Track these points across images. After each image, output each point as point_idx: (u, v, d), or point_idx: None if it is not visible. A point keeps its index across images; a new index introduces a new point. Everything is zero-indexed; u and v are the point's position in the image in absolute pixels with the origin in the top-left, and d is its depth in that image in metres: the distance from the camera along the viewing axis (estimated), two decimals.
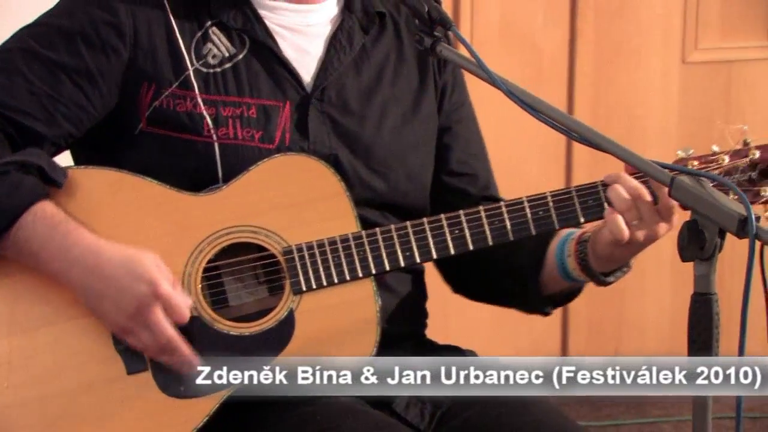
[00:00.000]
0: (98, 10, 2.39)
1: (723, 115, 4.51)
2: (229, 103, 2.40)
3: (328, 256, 2.34)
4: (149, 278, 2.26)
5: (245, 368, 2.19)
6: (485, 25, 4.36)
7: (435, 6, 2.19)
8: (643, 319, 4.62)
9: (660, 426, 4.33)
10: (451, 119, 2.58)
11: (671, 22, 4.51)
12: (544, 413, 2.45)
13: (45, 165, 2.30)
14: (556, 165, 4.45)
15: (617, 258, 2.37)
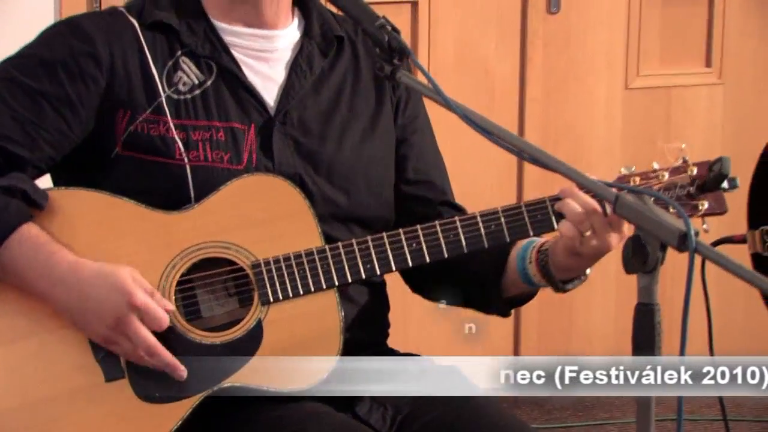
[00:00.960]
0: (76, 41, 2.38)
1: (663, 136, 4.53)
2: (199, 127, 2.39)
3: (293, 269, 2.33)
4: (124, 290, 2.25)
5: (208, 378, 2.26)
6: (441, 54, 4.36)
7: (394, 36, 2.18)
8: (590, 326, 4.63)
9: (606, 428, 4.34)
10: (407, 131, 2.57)
11: (614, 51, 4.52)
12: (499, 416, 2.45)
13: (28, 189, 2.30)
14: (508, 183, 4.45)
15: (574, 267, 2.37)
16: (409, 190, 2.55)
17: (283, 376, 2.32)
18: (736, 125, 4.61)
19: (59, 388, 2.29)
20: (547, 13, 4.43)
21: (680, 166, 2.38)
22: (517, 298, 2.52)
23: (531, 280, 2.42)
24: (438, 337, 3.96)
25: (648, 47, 4.56)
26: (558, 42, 4.46)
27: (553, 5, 4.43)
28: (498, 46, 4.41)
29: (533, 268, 2.41)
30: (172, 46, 2.43)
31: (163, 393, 2.29)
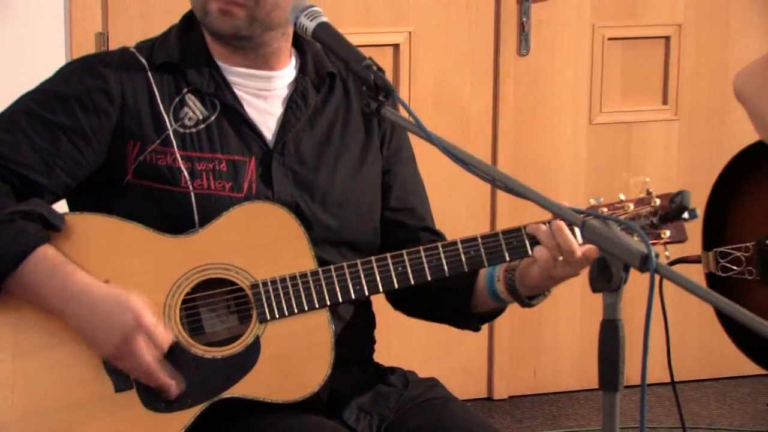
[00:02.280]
0: (91, 78, 2.39)
1: (624, 169, 4.54)
2: (204, 159, 2.39)
3: (289, 290, 2.33)
4: (135, 310, 2.26)
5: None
6: (421, 92, 4.37)
7: (379, 75, 2.18)
8: (558, 342, 4.63)
9: None
10: (391, 162, 2.58)
11: (579, 90, 4.54)
12: (475, 424, 2.45)
13: (45, 213, 2.30)
14: (482, 210, 4.45)
15: (543, 286, 2.39)
16: (392, 216, 2.56)
17: (278, 387, 2.32)
18: (691, 157, 4.62)
19: (72, 397, 2.28)
20: (518, 55, 4.45)
21: (644, 198, 2.39)
22: (487, 313, 2.52)
23: (499, 297, 2.44)
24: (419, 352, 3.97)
25: (610, 86, 4.57)
26: (527, 81, 4.47)
27: (523, 48, 4.44)
28: (473, 84, 4.42)
29: (501, 287, 2.42)
30: (178, 84, 2.44)
31: (168, 403, 2.29)
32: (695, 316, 4.30)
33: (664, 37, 4.60)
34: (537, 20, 4.44)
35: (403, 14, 4.33)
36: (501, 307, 2.50)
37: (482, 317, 2.53)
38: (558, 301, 4.52)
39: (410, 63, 4.36)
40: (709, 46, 4.62)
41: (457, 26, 4.39)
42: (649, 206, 2.38)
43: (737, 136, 3.34)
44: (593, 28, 4.51)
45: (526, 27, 4.42)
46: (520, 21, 4.42)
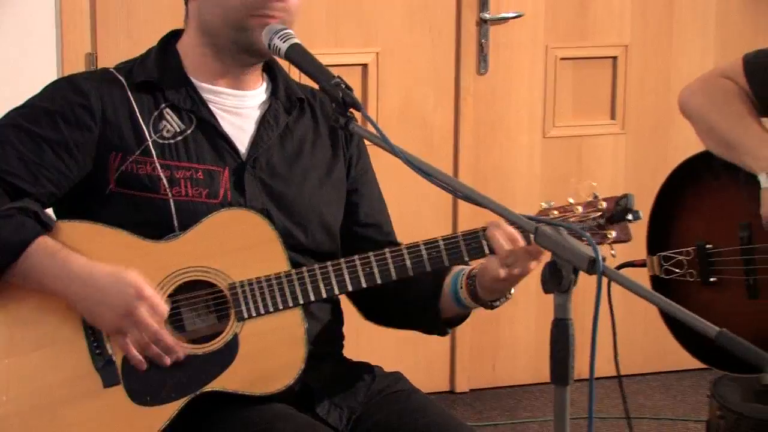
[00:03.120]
0: (74, 95, 2.39)
1: (576, 178, 4.54)
2: (181, 168, 2.39)
3: (264, 290, 2.33)
4: (135, 283, 2.25)
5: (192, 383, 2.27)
6: (388, 108, 4.37)
7: (347, 92, 2.18)
8: (515, 340, 4.63)
9: (528, 425, 4.33)
10: (358, 182, 2.59)
11: (534, 105, 4.55)
12: (438, 415, 2.45)
13: (39, 211, 2.30)
14: (444, 218, 4.46)
15: (500, 289, 2.38)
16: (360, 231, 2.57)
17: (255, 381, 2.32)
18: (637, 168, 4.64)
19: (64, 393, 2.28)
20: (477, 74, 4.45)
21: (592, 201, 2.40)
22: (452, 319, 2.53)
23: (463, 303, 2.43)
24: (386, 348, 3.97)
25: (562, 102, 4.58)
26: (486, 98, 4.48)
27: (481, 67, 4.45)
28: (435, 101, 4.43)
29: (464, 293, 2.42)
30: (157, 100, 2.43)
31: (153, 397, 2.29)
32: (641, 314, 4.31)
33: (611, 57, 4.61)
34: (495, 42, 4.45)
35: (370, 36, 4.33)
36: (465, 313, 2.51)
37: (448, 322, 2.53)
38: (515, 302, 4.48)
39: (377, 81, 4.36)
40: (654, 65, 4.64)
41: (421, 47, 4.39)
42: (596, 209, 2.38)
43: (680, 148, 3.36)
44: (546, 49, 4.52)
45: (484, 48, 4.43)
46: (479, 42, 4.43)
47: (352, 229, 2.56)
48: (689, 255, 2.95)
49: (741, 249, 2.91)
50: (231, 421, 2.31)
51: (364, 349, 2.77)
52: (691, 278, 2.95)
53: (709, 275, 2.94)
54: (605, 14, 4.56)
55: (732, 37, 4.65)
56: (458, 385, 4.59)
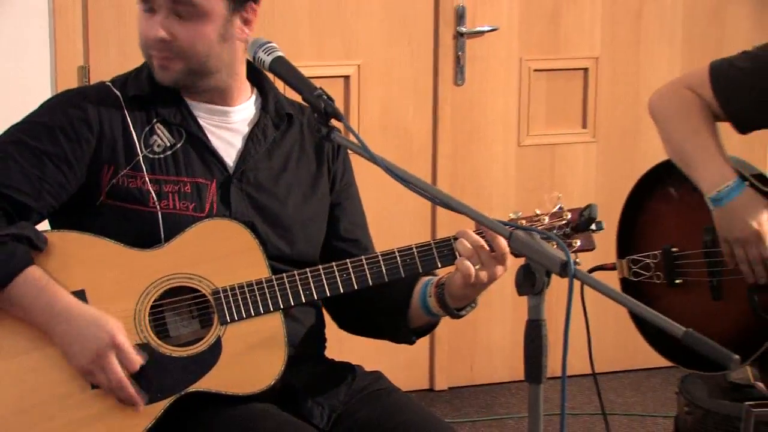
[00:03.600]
0: (72, 109, 2.38)
1: (549, 185, 4.54)
2: (170, 182, 2.38)
3: (246, 296, 2.32)
4: (110, 330, 2.24)
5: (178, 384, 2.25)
6: (369, 118, 4.37)
7: (329, 104, 2.18)
8: (491, 341, 4.63)
9: (504, 421, 4.33)
10: (341, 197, 2.58)
11: (509, 115, 4.54)
12: (416, 412, 2.45)
13: (32, 235, 2.28)
14: (423, 224, 4.45)
15: (468, 296, 2.37)
16: (339, 245, 2.55)
17: (238, 382, 2.31)
18: (607, 175, 4.64)
19: (53, 394, 2.26)
20: (454, 85, 4.45)
21: (557, 212, 2.41)
22: (420, 328, 2.52)
23: (431, 311, 2.43)
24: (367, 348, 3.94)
25: (536, 112, 4.58)
26: (463, 108, 4.48)
27: (458, 78, 4.44)
28: (415, 111, 4.42)
29: (432, 301, 2.41)
30: (149, 115, 2.42)
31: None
32: (612, 315, 4.30)
33: (583, 69, 4.61)
34: (471, 54, 4.44)
35: (352, 49, 4.33)
36: (434, 321, 2.50)
37: (417, 332, 2.52)
38: (491, 304, 4.53)
39: (359, 92, 4.35)
40: (623, 76, 4.64)
41: (401, 60, 4.38)
42: (561, 219, 2.39)
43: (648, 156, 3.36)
44: (521, 61, 4.52)
45: (461, 60, 4.43)
46: (456, 55, 4.42)
47: (330, 242, 2.55)
48: (656, 258, 2.95)
49: (705, 252, 2.91)
50: (216, 420, 2.29)
51: (346, 349, 2.75)
52: (658, 280, 2.95)
53: (675, 277, 2.94)
54: (576, 28, 4.56)
55: (697, 49, 4.66)
56: (437, 384, 4.58)
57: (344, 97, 4.33)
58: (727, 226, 2.82)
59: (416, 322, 2.49)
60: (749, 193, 2.81)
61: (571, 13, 4.54)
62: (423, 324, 2.50)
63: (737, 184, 2.81)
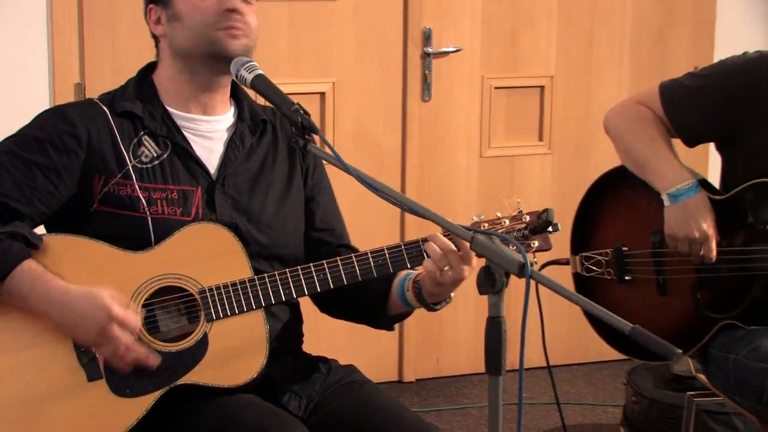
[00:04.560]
0: (62, 123, 2.36)
1: (508, 193, 4.55)
2: (158, 189, 2.36)
3: (230, 294, 2.31)
4: (104, 306, 2.22)
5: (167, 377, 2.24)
6: (343, 131, 4.36)
7: (306, 118, 2.18)
8: (456, 336, 4.63)
9: (468, 410, 4.33)
10: (314, 192, 2.57)
11: (471, 129, 4.55)
12: (386, 402, 2.44)
13: (27, 233, 2.26)
14: (393, 228, 4.45)
15: (440, 293, 2.38)
16: (316, 236, 2.54)
17: (223, 375, 2.29)
18: (561, 183, 4.65)
19: (52, 387, 2.24)
20: (422, 101, 4.45)
21: (517, 215, 2.40)
22: (397, 315, 2.52)
23: (409, 303, 2.43)
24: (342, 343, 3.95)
25: (496, 126, 4.59)
26: (430, 122, 4.48)
27: (425, 95, 4.44)
28: (385, 125, 4.42)
29: (410, 295, 2.41)
30: (136, 128, 2.41)
31: (132, 390, 2.26)
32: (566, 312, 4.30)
33: (539, 87, 4.62)
34: (437, 73, 4.45)
35: (327, 68, 4.32)
36: (409, 310, 2.50)
37: (394, 319, 2.53)
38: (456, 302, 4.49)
39: (334, 108, 4.35)
40: (575, 93, 4.66)
41: (372, 78, 4.38)
42: (521, 222, 2.39)
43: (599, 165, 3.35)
44: (482, 79, 4.53)
45: (428, 78, 4.43)
46: (423, 73, 4.43)
47: (309, 233, 2.54)
48: (607, 256, 2.96)
49: (652, 252, 2.92)
50: (202, 409, 2.28)
51: (322, 344, 2.75)
52: (608, 276, 2.96)
53: (625, 274, 2.95)
54: (533, 49, 4.57)
55: (643, 69, 4.68)
56: (406, 376, 4.58)
57: (320, 112, 4.33)
58: (678, 223, 2.83)
59: (394, 311, 2.49)
60: (703, 197, 2.84)
61: (529, 35, 4.56)
62: (399, 313, 2.50)
63: (695, 185, 2.84)
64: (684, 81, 2.94)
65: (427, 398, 4.43)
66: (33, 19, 3.93)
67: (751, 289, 2.83)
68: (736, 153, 2.91)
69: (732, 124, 2.86)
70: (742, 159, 2.89)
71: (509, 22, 4.52)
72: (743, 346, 2.79)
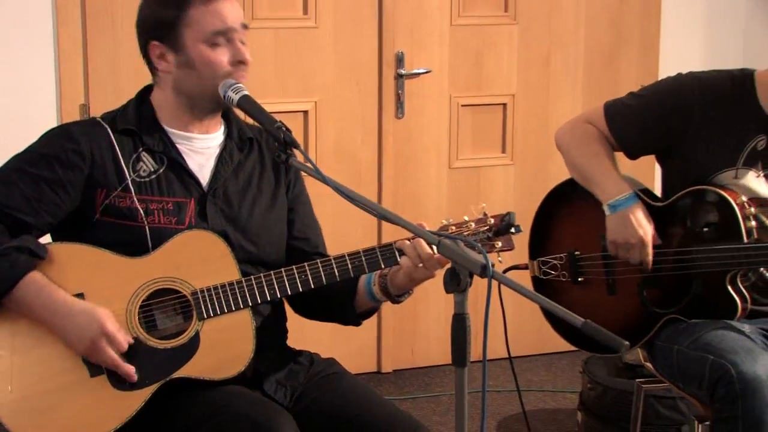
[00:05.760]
0: (67, 141, 2.35)
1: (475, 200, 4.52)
2: (155, 200, 2.36)
3: (220, 295, 2.30)
4: (99, 320, 2.22)
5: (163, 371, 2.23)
6: (324, 146, 4.36)
7: (288, 134, 2.18)
8: (428, 329, 4.63)
9: (440, 398, 4.33)
10: (294, 203, 2.57)
11: (441, 143, 4.55)
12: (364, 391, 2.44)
13: (33, 246, 2.25)
14: (371, 233, 4.44)
15: (408, 287, 2.39)
16: (294, 243, 2.54)
17: (214, 368, 2.29)
18: (522, 192, 4.65)
19: (57, 383, 2.24)
20: (396, 118, 4.45)
21: (482, 218, 2.41)
22: (364, 312, 2.51)
23: (375, 297, 2.43)
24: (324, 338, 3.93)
25: (463, 140, 4.59)
26: (403, 137, 4.48)
27: (399, 112, 4.44)
28: (362, 140, 4.42)
29: (376, 289, 2.42)
30: (135, 145, 2.40)
31: (131, 383, 2.25)
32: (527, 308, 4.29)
33: (502, 104, 4.63)
34: (409, 92, 4.45)
35: (310, 88, 4.32)
36: (376, 306, 2.49)
37: (362, 315, 2.52)
38: (428, 299, 4.53)
39: (316, 124, 4.34)
40: (534, 110, 4.67)
41: (351, 97, 4.38)
42: (486, 224, 2.39)
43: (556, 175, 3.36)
44: (450, 97, 4.53)
45: (401, 97, 4.43)
46: (396, 93, 4.42)
47: (288, 242, 2.54)
48: (562, 260, 2.97)
49: (602, 255, 2.93)
50: (195, 400, 2.27)
51: (305, 339, 2.73)
52: (563, 278, 2.96)
53: (578, 276, 2.96)
54: (496, 70, 4.58)
55: (595, 87, 4.69)
56: (383, 367, 4.57)
57: (303, 128, 4.32)
58: (618, 230, 2.84)
59: (361, 307, 2.48)
60: (639, 206, 2.85)
61: (492, 58, 4.56)
62: (367, 308, 2.50)
63: (632, 196, 2.85)
64: (625, 100, 2.96)
65: (403, 387, 4.42)
66: (41, 45, 3.91)
67: (691, 287, 2.84)
68: (673, 164, 2.93)
69: (668, 139, 2.88)
70: (678, 169, 2.91)
71: (474, 46, 4.53)
72: (685, 338, 2.80)
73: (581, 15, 4.65)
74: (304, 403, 2.39)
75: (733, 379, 2.60)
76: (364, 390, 2.44)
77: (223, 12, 2.35)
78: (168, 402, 2.27)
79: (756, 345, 2.72)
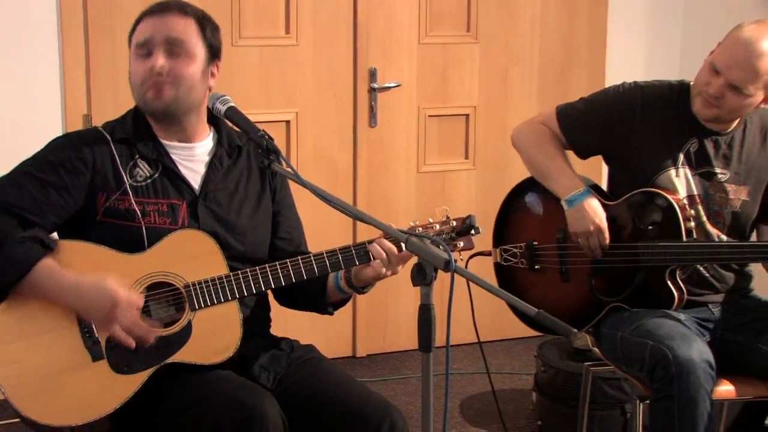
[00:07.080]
0: (71, 149, 2.35)
1: (440, 202, 4.57)
2: (151, 203, 2.36)
3: (210, 288, 2.31)
4: (109, 290, 2.21)
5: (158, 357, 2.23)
6: (305, 153, 4.36)
7: (270, 142, 2.19)
8: (399, 318, 4.63)
9: (409, 380, 4.33)
10: (280, 206, 2.58)
11: (410, 149, 4.56)
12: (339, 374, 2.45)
13: (44, 238, 2.25)
14: (347, 232, 4.45)
15: (373, 281, 2.42)
16: (279, 243, 2.55)
17: (205, 354, 2.29)
18: (483, 193, 4.67)
19: (61, 366, 2.23)
20: (369, 127, 4.45)
21: (445, 220, 2.42)
22: (336, 302, 2.54)
23: (342, 289, 2.46)
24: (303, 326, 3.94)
25: (430, 147, 4.60)
26: (376, 144, 4.48)
27: (372, 122, 4.45)
28: (339, 147, 4.42)
29: (342, 282, 2.45)
30: (132, 153, 2.40)
31: (129, 368, 2.25)
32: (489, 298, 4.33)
33: (465, 115, 4.64)
34: (381, 104, 4.45)
35: (292, 100, 4.31)
36: (346, 297, 2.52)
37: (334, 305, 2.55)
38: (399, 291, 4.54)
39: (297, 133, 4.34)
40: (494, 120, 4.68)
41: (329, 108, 4.38)
42: (449, 226, 2.40)
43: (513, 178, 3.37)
44: (418, 108, 4.54)
45: (374, 108, 4.43)
46: (370, 104, 4.43)
47: (273, 241, 2.55)
48: (521, 249, 2.99)
49: (557, 246, 2.95)
50: (187, 383, 2.27)
51: (288, 327, 2.74)
52: (522, 265, 2.98)
53: (535, 264, 2.98)
54: (460, 84, 4.59)
55: (548, 100, 4.71)
56: (358, 352, 4.58)
57: (286, 137, 4.31)
58: (577, 222, 2.87)
59: (332, 299, 2.52)
60: (593, 198, 2.88)
61: (456, 73, 4.58)
62: (338, 299, 2.52)
63: (586, 191, 2.88)
64: (576, 104, 3.00)
65: (375, 370, 4.42)
66: (47, 61, 3.90)
67: (635, 278, 2.87)
68: (619, 164, 2.97)
69: (613, 142, 2.92)
70: (623, 169, 2.94)
71: (440, 63, 4.54)
72: (628, 324, 2.83)
73: (536, 35, 4.68)
74: (285, 386, 2.40)
75: (670, 362, 2.62)
76: (340, 373, 2.45)
77: (151, 25, 2.35)
78: (163, 384, 2.28)
79: (690, 331, 2.76)
